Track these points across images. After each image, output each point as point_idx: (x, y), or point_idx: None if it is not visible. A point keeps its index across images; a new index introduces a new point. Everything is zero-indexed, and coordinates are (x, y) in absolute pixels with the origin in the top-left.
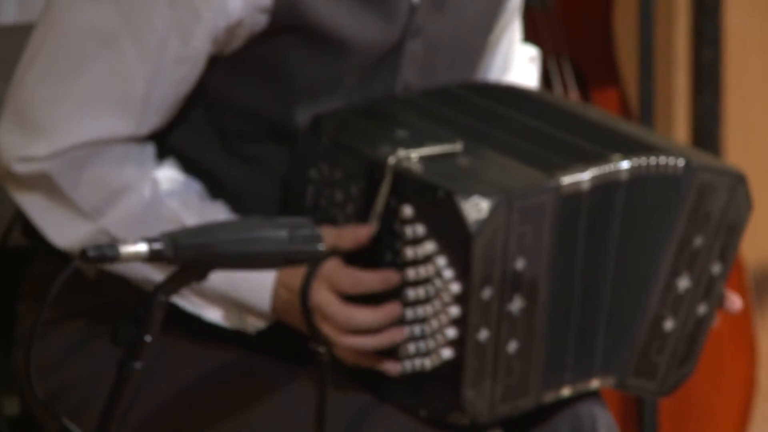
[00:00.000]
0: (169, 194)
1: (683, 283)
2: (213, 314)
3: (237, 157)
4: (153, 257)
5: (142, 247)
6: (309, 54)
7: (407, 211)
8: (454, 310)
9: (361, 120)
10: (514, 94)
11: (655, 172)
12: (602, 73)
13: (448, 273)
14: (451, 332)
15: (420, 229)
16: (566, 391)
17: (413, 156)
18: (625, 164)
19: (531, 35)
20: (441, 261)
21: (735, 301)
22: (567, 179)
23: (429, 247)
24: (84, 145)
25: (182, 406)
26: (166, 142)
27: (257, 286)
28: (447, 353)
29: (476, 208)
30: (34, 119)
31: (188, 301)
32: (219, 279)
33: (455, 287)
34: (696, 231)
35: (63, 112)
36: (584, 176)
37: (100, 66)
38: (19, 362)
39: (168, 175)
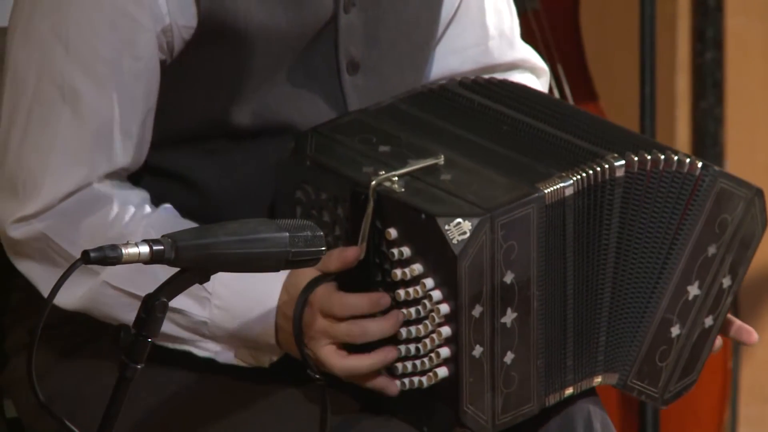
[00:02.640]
0: None
1: (693, 290)
2: (226, 356)
3: (207, 158)
4: (154, 258)
5: (143, 249)
6: (242, 49)
7: (392, 233)
8: (446, 330)
9: (342, 136)
10: (517, 93)
11: (666, 168)
12: (578, 84)
13: (437, 294)
14: (445, 351)
15: (406, 251)
16: (569, 391)
17: (395, 176)
18: (619, 162)
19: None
20: (429, 282)
21: (752, 334)
22: (549, 188)
23: (416, 268)
24: (72, 194)
25: (176, 422)
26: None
27: (263, 320)
28: (443, 372)
29: (459, 229)
30: (23, 181)
31: (199, 348)
32: (227, 318)
33: (444, 307)
34: (711, 239)
35: (48, 168)
36: (566, 182)
37: (67, 113)
38: (11, 372)
39: (163, 217)
